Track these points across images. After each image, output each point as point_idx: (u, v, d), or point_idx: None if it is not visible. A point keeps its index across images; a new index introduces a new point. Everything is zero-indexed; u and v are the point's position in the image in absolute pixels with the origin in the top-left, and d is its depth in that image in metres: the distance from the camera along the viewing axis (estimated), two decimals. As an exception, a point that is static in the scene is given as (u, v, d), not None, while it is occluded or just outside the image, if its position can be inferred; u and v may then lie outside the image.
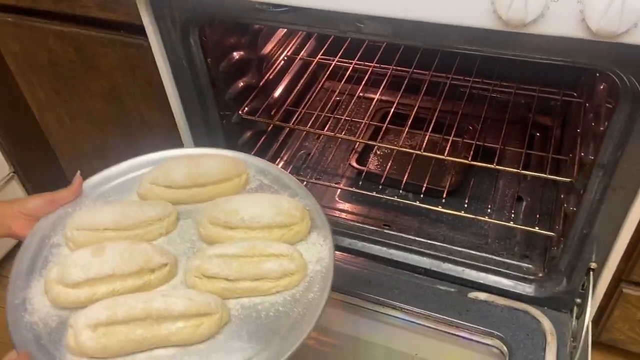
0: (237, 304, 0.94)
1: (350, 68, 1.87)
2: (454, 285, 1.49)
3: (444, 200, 1.59)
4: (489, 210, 1.66)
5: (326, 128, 1.86)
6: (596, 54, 0.95)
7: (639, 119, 1.01)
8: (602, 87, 1.30)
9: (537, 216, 1.61)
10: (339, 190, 1.75)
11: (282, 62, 1.85)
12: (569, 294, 1.41)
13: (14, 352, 0.83)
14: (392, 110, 1.81)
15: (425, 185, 1.63)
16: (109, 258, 0.91)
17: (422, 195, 1.61)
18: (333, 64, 1.84)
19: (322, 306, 0.91)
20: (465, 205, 1.67)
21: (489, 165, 1.48)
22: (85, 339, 0.84)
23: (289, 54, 1.86)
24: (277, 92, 1.85)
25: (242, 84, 1.61)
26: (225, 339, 0.89)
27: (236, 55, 1.55)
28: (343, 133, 1.72)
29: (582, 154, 1.27)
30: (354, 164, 1.77)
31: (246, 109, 1.65)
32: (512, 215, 1.64)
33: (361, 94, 1.84)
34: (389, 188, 1.73)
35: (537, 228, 1.45)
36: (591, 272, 1.31)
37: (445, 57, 1.83)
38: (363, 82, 1.81)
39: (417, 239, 1.59)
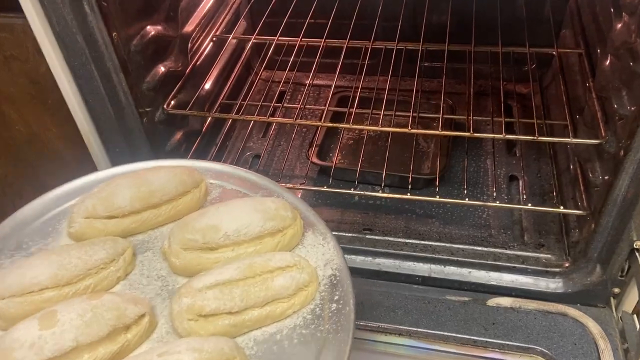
0: (249, 340, 0.77)
1: (293, 53, 1.52)
2: (466, 293, 1.19)
3: (437, 189, 1.29)
4: (485, 197, 1.39)
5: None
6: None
7: None
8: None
9: (543, 196, 1.35)
10: (301, 192, 1.41)
11: (211, 44, 1.48)
12: (604, 284, 1.15)
13: None
14: (352, 94, 1.51)
15: (410, 175, 1.32)
16: (66, 326, 0.69)
17: (409, 188, 1.29)
18: (274, 44, 1.49)
19: (352, 316, 0.77)
20: (456, 192, 1.40)
21: (494, 136, 1.22)
22: None
23: (217, 33, 1.50)
24: (209, 83, 1.49)
25: (163, 69, 1.24)
26: None
27: (151, 30, 1.18)
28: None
29: (615, 106, 1.01)
30: (316, 161, 1.44)
31: (172, 102, 1.28)
32: (507, 198, 1.38)
33: (310, 82, 1.49)
34: (364, 184, 1.41)
35: (562, 208, 1.18)
36: (637, 253, 1.06)
37: (393, 24, 1.54)
38: (315, 66, 1.45)
39: (407, 241, 1.29)
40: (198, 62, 1.41)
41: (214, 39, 1.49)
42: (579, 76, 1.31)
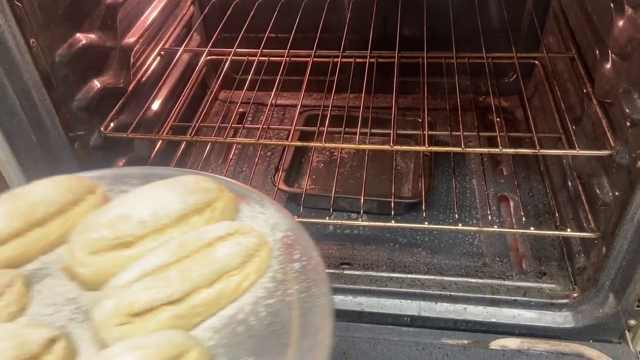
0: (205, 331, 0.61)
1: (252, 70, 1.34)
2: (464, 334, 1.02)
3: (424, 215, 1.13)
4: (475, 220, 1.24)
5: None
6: None
7: None
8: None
9: (538, 217, 1.22)
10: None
11: (158, 59, 1.30)
12: (617, 315, 1.00)
13: None
14: (321, 112, 1.35)
15: (392, 199, 1.15)
16: None
17: (392, 214, 1.13)
18: (230, 59, 1.32)
19: (322, 267, 0.66)
20: (443, 217, 1.25)
21: (489, 150, 1.08)
22: None
23: (165, 46, 1.32)
24: (157, 103, 1.30)
25: (98, 85, 1.05)
26: None
27: (82, 38, 0.99)
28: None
29: (627, 110, 0.88)
30: (284, 187, 1.27)
31: (112, 124, 1.09)
32: (499, 221, 1.24)
33: (273, 101, 1.32)
34: (339, 212, 1.25)
35: (569, 230, 1.04)
36: (658, 280, 0.92)
37: (363, 36, 1.40)
38: (277, 83, 1.27)
39: (392, 275, 1.12)
40: (143, 79, 1.22)
41: (162, 52, 1.31)
42: (572, 83, 1.18)
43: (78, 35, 0.98)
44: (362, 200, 1.13)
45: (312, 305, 0.63)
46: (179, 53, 1.30)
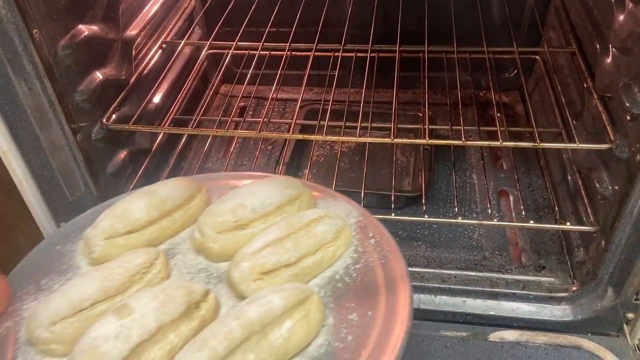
0: (313, 287, 0.80)
1: (253, 64, 1.34)
2: (463, 326, 1.03)
3: (424, 208, 1.13)
4: (474, 214, 1.24)
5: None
6: None
7: None
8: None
9: (537, 212, 1.22)
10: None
11: (160, 52, 1.30)
12: (616, 309, 1.01)
13: None
14: (322, 106, 1.35)
15: (393, 193, 1.16)
16: (144, 310, 0.70)
17: (392, 207, 1.14)
18: (231, 53, 1.32)
19: (393, 241, 0.84)
20: (443, 211, 1.26)
21: (489, 143, 1.09)
22: None
23: (167, 39, 1.32)
24: (159, 96, 1.30)
25: (100, 77, 1.05)
26: (340, 320, 0.75)
27: (85, 30, 0.99)
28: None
29: (627, 104, 0.88)
30: (284, 180, 1.27)
31: (113, 116, 1.09)
32: (499, 215, 1.24)
33: (274, 95, 1.32)
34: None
35: (568, 224, 1.04)
36: (657, 273, 0.92)
37: (364, 31, 1.40)
38: (278, 77, 1.27)
39: (392, 268, 1.12)
40: (145, 71, 1.23)
41: (163, 45, 1.31)
42: (572, 78, 1.19)
43: (80, 26, 0.98)
44: (362, 194, 1.13)
45: (391, 268, 0.80)
46: (180, 46, 1.31)
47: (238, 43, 1.31)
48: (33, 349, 0.74)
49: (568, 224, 1.07)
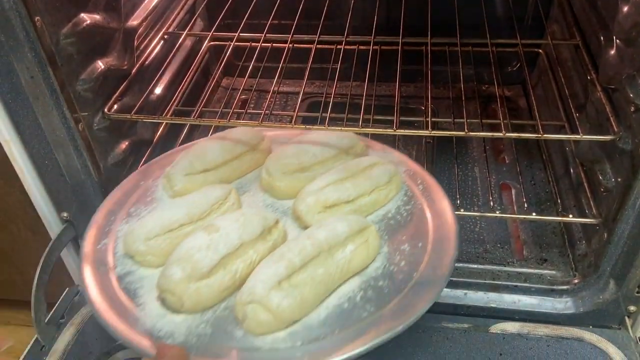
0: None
1: (255, 56, 1.33)
2: (464, 318, 1.03)
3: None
4: (476, 207, 1.24)
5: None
6: None
7: None
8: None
9: (540, 205, 1.22)
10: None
11: (162, 42, 1.30)
12: (618, 302, 1.01)
13: None
14: (324, 99, 1.35)
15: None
16: (228, 229, 0.85)
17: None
18: (233, 45, 1.31)
19: (438, 187, 0.97)
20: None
21: (492, 134, 1.10)
22: (278, 301, 0.76)
23: (169, 30, 1.32)
24: (160, 87, 1.30)
25: (103, 66, 1.05)
26: (394, 249, 0.89)
27: (87, 18, 0.99)
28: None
29: (631, 95, 0.88)
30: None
31: (115, 106, 1.09)
32: (501, 208, 1.24)
33: (275, 88, 1.32)
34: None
35: (570, 216, 1.04)
36: (659, 265, 0.92)
37: (367, 23, 1.39)
38: (280, 70, 1.26)
39: (393, 260, 1.12)
40: (146, 62, 1.22)
41: (165, 36, 1.31)
42: (576, 71, 1.18)
43: (82, 15, 0.98)
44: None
45: (438, 209, 0.94)
46: (182, 38, 1.30)
47: (240, 35, 1.30)
48: (130, 260, 0.90)
49: (570, 216, 1.07)
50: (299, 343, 0.77)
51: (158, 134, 1.28)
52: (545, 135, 0.98)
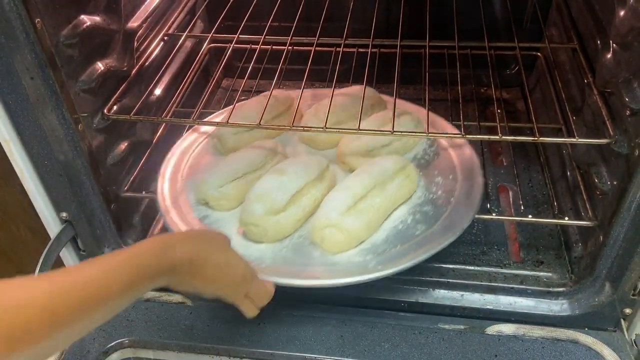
0: None
1: (254, 58, 1.33)
2: (461, 320, 1.03)
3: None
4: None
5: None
6: None
7: None
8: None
9: (537, 207, 1.23)
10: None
11: (162, 44, 1.30)
12: (613, 304, 1.01)
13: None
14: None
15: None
16: (294, 173, 1.02)
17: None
18: (232, 46, 1.32)
19: (454, 127, 1.20)
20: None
21: (489, 137, 1.08)
22: (350, 223, 0.95)
23: (169, 32, 1.33)
24: (160, 88, 1.31)
25: (102, 67, 1.05)
26: (429, 182, 1.12)
27: (87, 20, 0.99)
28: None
29: (627, 99, 0.88)
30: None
31: (115, 107, 1.09)
32: (498, 210, 1.25)
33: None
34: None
35: (566, 219, 1.04)
36: (654, 268, 0.93)
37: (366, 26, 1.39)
38: (279, 72, 1.26)
39: (390, 261, 1.12)
40: (146, 63, 1.23)
41: (165, 37, 1.31)
42: (573, 74, 1.19)
43: (83, 16, 0.98)
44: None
45: (459, 148, 1.16)
46: (182, 39, 1.31)
47: (240, 37, 1.31)
48: (204, 207, 1.07)
49: (566, 218, 1.07)
50: (369, 257, 0.97)
51: (157, 135, 1.29)
52: (541, 139, 0.99)
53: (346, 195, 0.97)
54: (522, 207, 1.16)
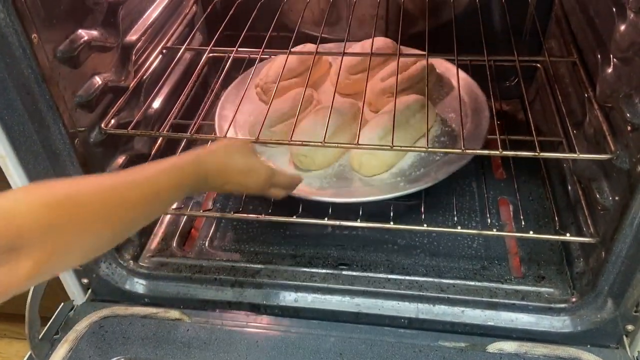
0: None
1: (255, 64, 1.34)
2: (461, 337, 1.02)
3: (422, 217, 1.13)
4: (474, 223, 1.24)
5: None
6: None
7: None
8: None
9: (537, 221, 1.21)
10: (269, 224, 1.23)
11: (160, 57, 1.30)
12: (615, 321, 1.00)
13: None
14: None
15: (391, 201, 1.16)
16: (334, 111, 1.13)
17: (391, 215, 1.13)
18: (232, 57, 1.32)
19: (465, 74, 1.36)
20: (442, 219, 1.25)
21: (489, 152, 1.08)
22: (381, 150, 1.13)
23: (167, 45, 1.32)
24: (158, 101, 1.30)
25: (100, 82, 1.05)
26: (443, 118, 1.31)
27: (84, 34, 0.99)
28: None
29: (628, 115, 0.88)
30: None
31: (112, 121, 1.08)
32: (498, 225, 1.24)
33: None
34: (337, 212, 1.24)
35: (568, 235, 1.03)
36: (657, 285, 0.91)
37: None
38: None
39: (390, 276, 1.12)
40: (144, 77, 1.22)
41: (164, 50, 1.31)
42: (573, 87, 1.18)
43: (80, 31, 0.98)
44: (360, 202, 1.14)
45: (468, 87, 1.32)
46: (180, 52, 1.30)
47: (239, 48, 1.30)
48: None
49: (568, 234, 1.06)
50: (399, 178, 1.16)
51: (155, 147, 1.28)
52: (542, 154, 0.98)
53: (378, 129, 1.14)
54: (523, 222, 1.15)
